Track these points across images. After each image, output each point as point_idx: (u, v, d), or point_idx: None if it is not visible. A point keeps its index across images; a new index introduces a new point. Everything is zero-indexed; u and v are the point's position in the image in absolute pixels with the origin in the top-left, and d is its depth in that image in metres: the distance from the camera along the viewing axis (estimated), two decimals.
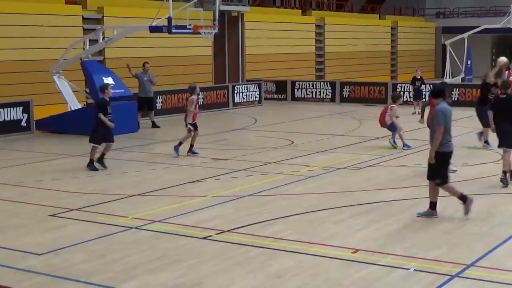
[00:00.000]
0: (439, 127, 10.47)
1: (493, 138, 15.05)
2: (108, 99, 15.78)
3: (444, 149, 10.58)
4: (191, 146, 16.80)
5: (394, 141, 17.77)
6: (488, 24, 38.82)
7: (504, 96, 13.29)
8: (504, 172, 12.95)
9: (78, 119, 20.74)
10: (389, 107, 18.23)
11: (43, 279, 8.15)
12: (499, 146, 13.45)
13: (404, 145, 17.55)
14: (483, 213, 11.05)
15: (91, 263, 8.70)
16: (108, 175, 14.61)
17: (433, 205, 10.80)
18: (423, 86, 26.85)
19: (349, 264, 8.62)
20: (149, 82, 22.47)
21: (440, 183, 10.73)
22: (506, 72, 23.69)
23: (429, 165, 10.74)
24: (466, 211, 10.66)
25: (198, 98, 17.18)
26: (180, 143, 16.68)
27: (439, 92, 10.90)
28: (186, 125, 16.68)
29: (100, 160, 15.22)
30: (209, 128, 20.63)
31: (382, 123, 18.12)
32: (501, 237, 9.61)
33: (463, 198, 10.72)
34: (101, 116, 15.26)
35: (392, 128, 17.93)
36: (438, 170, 10.68)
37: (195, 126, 16.68)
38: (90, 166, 15.05)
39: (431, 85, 25.90)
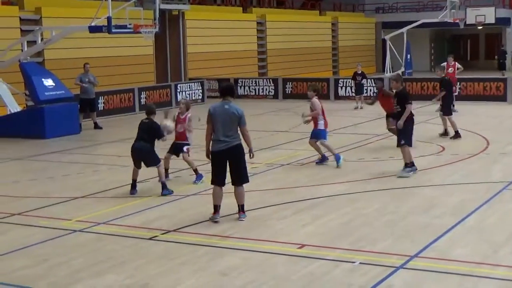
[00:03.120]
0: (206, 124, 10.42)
1: None
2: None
3: (212, 148, 10.41)
4: None
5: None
6: (426, 18, 39.44)
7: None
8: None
9: (18, 122, 20.42)
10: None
11: None
12: (445, 115, 17.92)
13: None
14: (425, 205, 11.23)
15: (35, 268, 8.56)
16: (50, 178, 14.39)
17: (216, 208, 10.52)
18: (364, 81, 27.18)
19: (296, 260, 8.67)
20: (90, 83, 22.21)
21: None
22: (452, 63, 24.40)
23: None
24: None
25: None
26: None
27: (220, 90, 10.66)
28: None
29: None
30: None
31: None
32: (442, 228, 9.78)
33: (215, 209, 10.46)
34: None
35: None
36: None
37: None
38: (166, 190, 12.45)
39: (374, 80, 26.23)
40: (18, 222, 10.78)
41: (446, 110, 18.07)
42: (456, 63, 24.65)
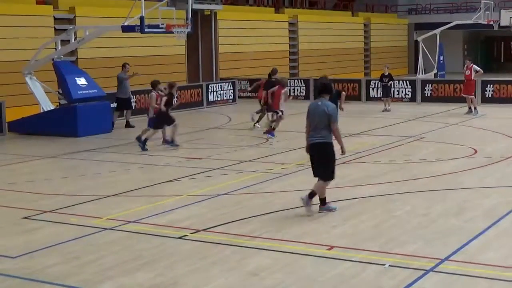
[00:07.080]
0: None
1: None
2: None
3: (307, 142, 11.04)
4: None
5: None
6: (459, 20, 39.13)
7: None
8: None
9: (51, 120, 20.61)
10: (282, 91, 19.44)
11: (16, 282, 8.07)
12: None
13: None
14: (456, 208, 11.13)
15: (66, 265, 8.63)
16: (81, 176, 14.51)
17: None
18: (391, 83, 26.92)
19: (325, 261, 8.65)
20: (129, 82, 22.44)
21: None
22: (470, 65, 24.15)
23: None
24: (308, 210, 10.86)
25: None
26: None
27: (316, 89, 11.29)
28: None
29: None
30: (184, 127, 20.54)
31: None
32: (473, 231, 9.68)
33: (311, 195, 10.97)
34: None
35: None
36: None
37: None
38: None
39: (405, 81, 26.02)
40: (49, 220, 10.88)
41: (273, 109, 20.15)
42: (474, 65, 24.32)
